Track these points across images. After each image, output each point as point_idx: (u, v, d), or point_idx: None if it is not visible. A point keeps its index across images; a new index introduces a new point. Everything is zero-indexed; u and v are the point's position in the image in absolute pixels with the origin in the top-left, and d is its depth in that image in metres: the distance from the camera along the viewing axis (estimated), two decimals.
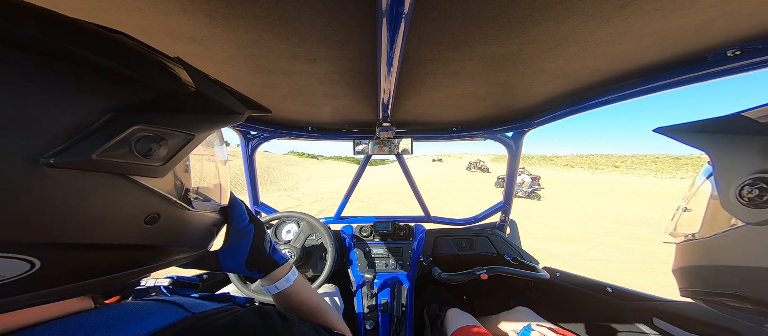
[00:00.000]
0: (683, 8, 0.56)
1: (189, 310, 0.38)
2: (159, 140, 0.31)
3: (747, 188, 0.48)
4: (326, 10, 0.55)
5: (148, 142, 0.30)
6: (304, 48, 0.70)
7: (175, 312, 0.36)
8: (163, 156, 0.32)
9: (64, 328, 0.29)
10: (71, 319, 0.30)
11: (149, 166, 0.31)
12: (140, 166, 0.30)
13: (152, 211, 0.33)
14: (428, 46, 0.70)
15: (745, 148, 0.49)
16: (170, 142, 0.32)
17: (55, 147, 0.24)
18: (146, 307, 0.35)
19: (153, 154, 0.31)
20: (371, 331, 1.54)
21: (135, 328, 0.31)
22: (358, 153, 1.68)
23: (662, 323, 1.10)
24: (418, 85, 0.98)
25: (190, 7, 0.54)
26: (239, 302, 0.59)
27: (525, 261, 1.68)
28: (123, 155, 0.28)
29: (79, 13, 0.57)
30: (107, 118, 0.26)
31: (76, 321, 0.30)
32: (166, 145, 0.32)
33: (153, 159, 0.31)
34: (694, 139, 0.56)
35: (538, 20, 0.59)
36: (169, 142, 0.32)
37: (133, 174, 0.30)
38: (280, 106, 1.24)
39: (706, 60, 0.76)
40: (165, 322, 0.34)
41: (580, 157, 78.88)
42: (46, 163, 0.23)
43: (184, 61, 0.36)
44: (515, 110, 1.35)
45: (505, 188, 1.91)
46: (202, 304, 0.41)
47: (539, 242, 7.23)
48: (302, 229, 1.49)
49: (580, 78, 0.93)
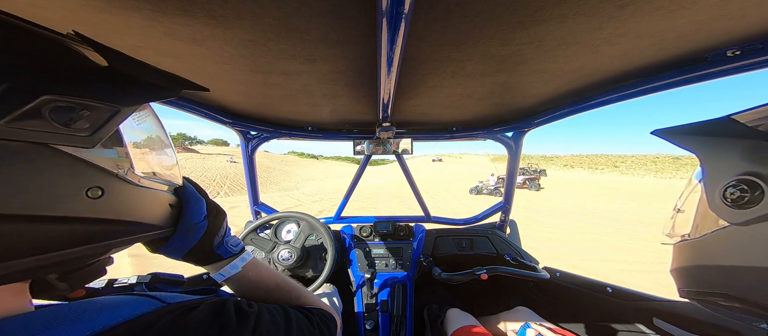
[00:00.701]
0: (683, 8, 0.56)
1: (164, 301, 0.37)
2: (78, 110, 0.32)
3: (730, 190, 0.49)
4: (326, 10, 0.55)
5: (64, 112, 0.31)
6: (304, 48, 0.70)
7: (148, 303, 0.35)
8: (86, 127, 0.33)
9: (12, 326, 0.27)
10: (20, 316, 0.29)
11: (75, 136, 0.32)
12: (63, 135, 0.31)
13: (92, 184, 0.34)
14: (428, 46, 0.70)
15: (730, 150, 0.51)
16: (93, 115, 0.33)
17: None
18: (119, 299, 0.35)
19: (74, 124, 0.32)
20: (371, 331, 1.54)
21: (102, 319, 0.31)
22: (358, 153, 1.68)
23: (662, 323, 1.10)
24: (418, 85, 0.98)
25: (190, 7, 0.54)
26: (223, 294, 0.58)
27: (525, 261, 1.68)
28: (39, 125, 0.29)
29: (77, 13, 0.57)
30: (5, 88, 0.27)
31: (26, 318, 0.29)
32: (87, 117, 0.33)
33: (76, 129, 0.32)
34: (687, 141, 0.57)
35: (538, 20, 0.59)
36: (90, 114, 0.33)
37: (57, 143, 0.31)
38: (280, 106, 1.24)
39: (706, 60, 0.76)
40: (136, 312, 0.33)
41: (580, 157, 78.88)
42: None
43: (86, 36, 0.36)
44: (515, 110, 1.35)
45: (504, 188, 1.91)
46: (180, 297, 0.40)
47: (539, 243, 7.23)
48: (302, 229, 1.49)
49: (580, 78, 0.93)
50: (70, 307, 0.31)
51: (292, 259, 1.37)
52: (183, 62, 0.79)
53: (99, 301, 0.34)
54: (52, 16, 0.59)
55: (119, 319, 0.31)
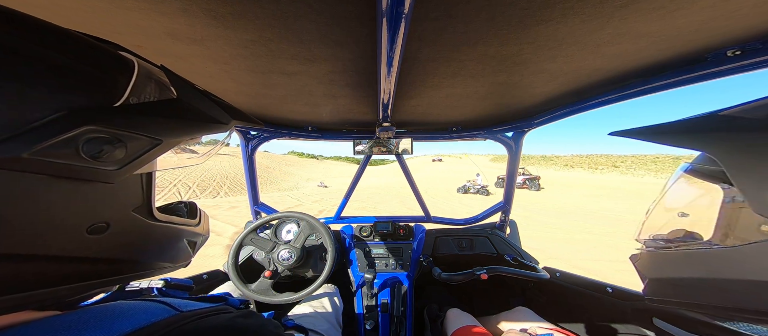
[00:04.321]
0: (683, 8, 0.56)
1: (177, 309, 0.37)
2: (115, 142, 0.29)
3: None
4: (326, 10, 0.55)
5: (99, 143, 0.28)
6: (304, 48, 0.70)
7: (162, 310, 0.35)
8: (118, 159, 0.30)
9: (36, 330, 0.27)
10: (46, 320, 0.29)
11: (98, 170, 0.29)
12: (86, 169, 0.28)
13: (99, 220, 0.31)
14: (428, 46, 0.70)
15: None
16: (130, 146, 0.30)
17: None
18: (132, 306, 0.34)
19: (104, 156, 0.28)
20: (371, 331, 1.54)
21: (118, 326, 0.30)
22: (358, 153, 1.68)
23: (662, 323, 1.10)
24: (418, 85, 0.98)
25: (190, 7, 0.54)
26: (232, 303, 0.58)
27: (525, 261, 1.68)
28: (66, 156, 0.26)
29: (78, 14, 0.57)
30: (55, 117, 0.24)
31: (51, 322, 0.29)
32: (123, 148, 0.30)
33: (104, 162, 0.29)
34: (679, 140, 0.55)
35: (538, 20, 0.59)
36: (128, 145, 0.30)
37: (75, 177, 0.28)
38: (280, 106, 1.24)
39: (706, 60, 0.76)
40: (151, 319, 0.33)
41: (580, 157, 78.88)
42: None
43: (167, 68, 0.35)
44: (515, 110, 1.35)
45: (505, 188, 1.91)
46: (192, 304, 0.40)
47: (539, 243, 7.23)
48: (302, 229, 1.49)
49: (580, 78, 0.93)
50: (86, 314, 0.31)
51: (292, 259, 1.37)
52: (183, 62, 0.79)
53: (113, 307, 0.34)
54: (51, 16, 0.59)
55: (135, 326, 0.31)
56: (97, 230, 0.31)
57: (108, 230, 0.32)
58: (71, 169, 0.27)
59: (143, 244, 0.38)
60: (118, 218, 0.33)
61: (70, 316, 0.31)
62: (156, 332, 0.32)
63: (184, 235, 0.47)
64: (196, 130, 0.37)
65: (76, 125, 0.25)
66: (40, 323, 0.29)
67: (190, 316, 0.36)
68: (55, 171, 0.26)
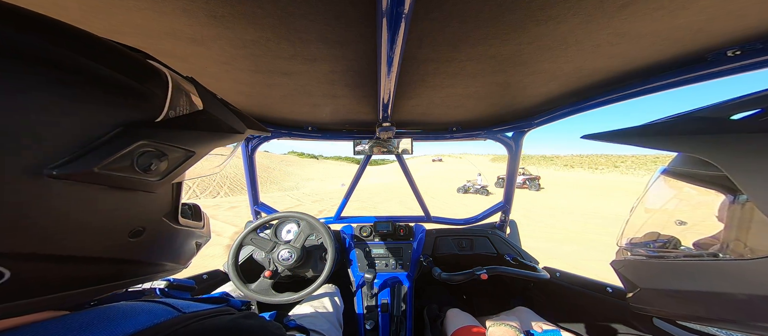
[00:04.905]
0: (683, 8, 0.56)
1: (180, 310, 0.37)
2: (160, 156, 0.31)
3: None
4: (326, 10, 0.55)
5: (149, 157, 0.30)
6: (304, 48, 0.70)
7: (164, 311, 0.36)
8: (161, 171, 0.32)
9: (42, 331, 0.27)
10: (49, 322, 0.29)
11: (145, 181, 0.31)
12: (137, 180, 0.30)
13: (139, 225, 0.33)
14: (428, 46, 0.70)
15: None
16: (171, 158, 0.33)
17: (60, 158, 0.24)
18: (134, 307, 0.35)
19: (152, 169, 0.31)
20: (371, 331, 1.54)
21: (121, 327, 0.31)
22: (358, 153, 1.68)
23: (662, 323, 1.10)
24: (418, 85, 0.98)
25: (190, 7, 0.54)
26: (234, 304, 0.58)
27: (525, 261, 1.68)
28: (123, 169, 0.28)
29: (79, 13, 0.57)
30: (115, 133, 0.26)
31: (53, 324, 0.29)
32: (166, 161, 0.32)
33: (151, 174, 0.31)
34: (665, 143, 0.52)
35: (538, 20, 0.59)
36: (169, 157, 0.33)
37: (128, 187, 0.30)
38: (280, 106, 1.24)
39: (706, 60, 0.76)
40: (154, 320, 0.33)
41: (580, 157, 78.87)
42: (48, 174, 0.23)
43: (197, 81, 0.37)
44: (515, 110, 1.35)
45: (505, 188, 1.91)
46: (194, 306, 0.40)
47: (540, 242, 7.23)
48: (302, 229, 1.49)
49: (580, 78, 0.93)
50: (89, 315, 0.32)
51: (292, 259, 1.37)
52: (183, 62, 0.79)
53: (116, 307, 0.34)
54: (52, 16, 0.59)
55: (138, 327, 0.32)
56: (135, 234, 0.33)
57: (143, 234, 0.34)
58: (126, 181, 0.29)
59: (168, 247, 0.41)
60: (152, 224, 0.35)
61: (73, 317, 0.31)
62: (159, 333, 0.32)
63: (194, 237, 0.49)
64: (220, 139, 0.40)
65: (132, 141, 0.28)
66: (49, 324, 0.29)
67: (192, 317, 0.36)
68: (114, 182, 0.28)
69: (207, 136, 0.37)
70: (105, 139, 0.26)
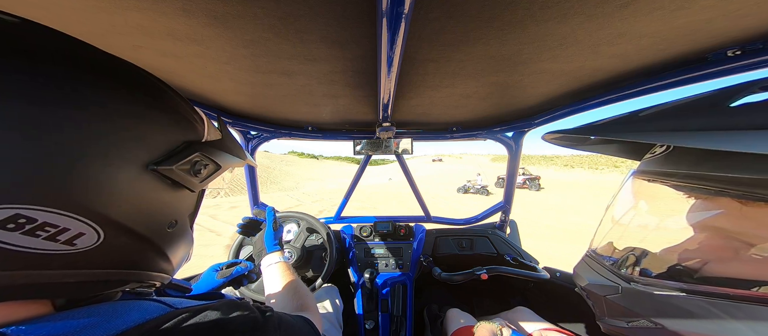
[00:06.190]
0: (683, 8, 0.56)
1: (172, 306, 0.38)
2: (205, 166, 0.43)
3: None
4: (326, 10, 0.55)
5: (200, 165, 0.42)
6: (304, 48, 0.70)
7: (156, 308, 0.36)
8: (204, 176, 0.44)
9: (35, 328, 0.28)
10: (41, 319, 0.29)
11: (192, 182, 0.42)
12: (189, 180, 0.41)
13: (175, 218, 0.42)
14: (428, 46, 0.70)
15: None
16: (208, 168, 0.45)
17: (157, 158, 0.35)
18: (128, 304, 0.35)
19: (200, 174, 0.42)
20: (371, 331, 1.54)
21: (113, 324, 0.31)
22: (358, 153, 1.68)
23: None
24: (418, 85, 0.98)
25: (190, 7, 0.54)
26: (228, 299, 0.59)
27: (525, 261, 1.68)
28: (185, 171, 0.40)
29: (79, 12, 0.57)
30: (183, 146, 0.39)
31: (46, 321, 0.29)
32: (207, 170, 0.44)
33: (198, 177, 0.42)
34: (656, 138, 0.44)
35: (538, 20, 0.59)
36: (209, 168, 0.45)
37: (182, 185, 0.40)
38: (280, 106, 1.24)
39: (706, 60, 0.76)
40: (145, 317, 0.34)
41: (581, 157, 78.80)
42: (151, 168, 0.34)
43: (220, 118, 0.51)
44: (515, 110, 1.35)
45: (505, 188, 1.91)
46: (186, 302, 0.41)
47: (540, 242, 7.23)
48: (302, 229, 1.49)
49: (580, 78, 0.93)
50: (80, 313, 0.32)
51: (292, 259, 1.37)
52: (183, 62, 0.79)
53: (107, 305, 0.34)
54: (51, 16, 0.59)
55: (130, 324, 0.32)
56: (171, 226, 0.41)
57: (175, 226, 0.42)
58: (184, 179, 0.40)
59: (181, 244, 0.47)
60: (182, 219, 0.44)
61: (65, 315, 0.31)
62: (153, 328, 0.33)
63: (189, 245, 0.55)
64: (233, 161, 0.51)
65: (192, 152, 0.40)
66: (41, 320, 0.29)
67: (184, 311, 0.37)
68: (178, 178, 0.39)
69: (228, 156, 0.49)
70: (179, 149, 0.38)
